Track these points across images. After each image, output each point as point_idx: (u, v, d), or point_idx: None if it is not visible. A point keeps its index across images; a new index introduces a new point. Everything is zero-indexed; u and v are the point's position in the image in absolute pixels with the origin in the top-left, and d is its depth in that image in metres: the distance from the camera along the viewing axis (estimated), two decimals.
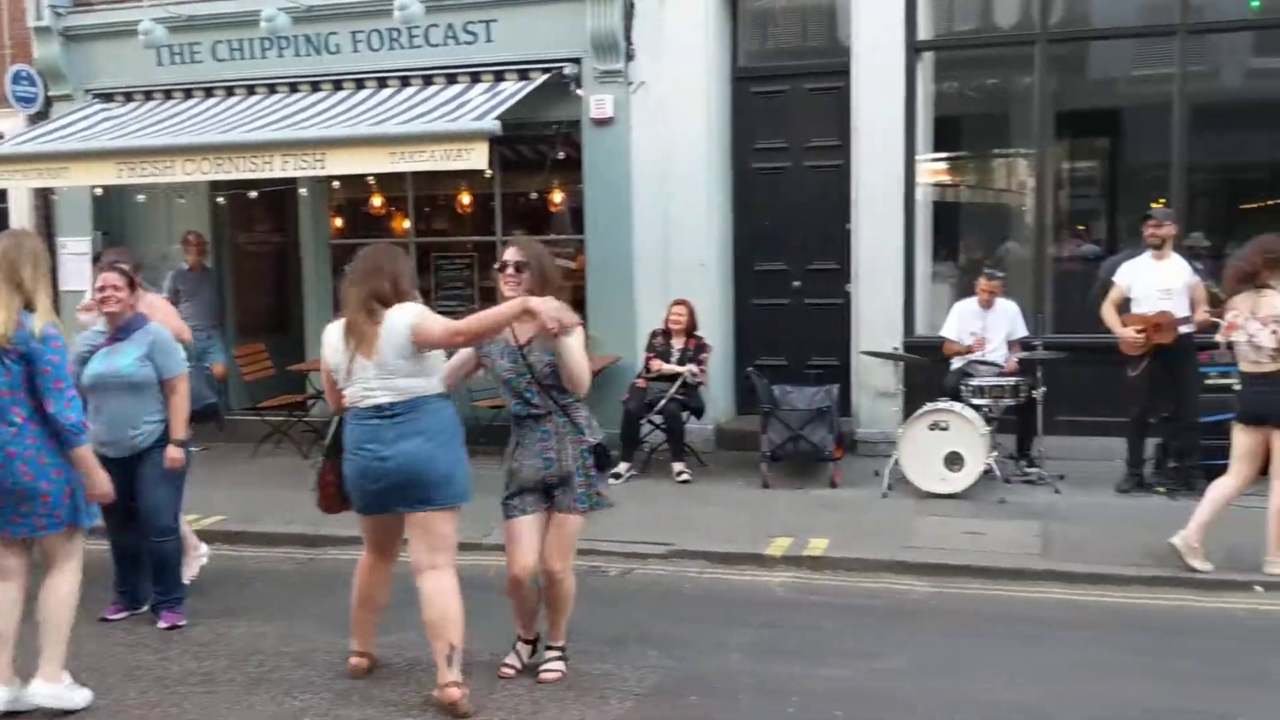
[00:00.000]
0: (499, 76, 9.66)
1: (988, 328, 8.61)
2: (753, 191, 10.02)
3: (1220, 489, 6.21)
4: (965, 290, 9.09)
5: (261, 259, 12.18)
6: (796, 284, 9.90)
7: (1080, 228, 10.28)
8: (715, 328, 9.57)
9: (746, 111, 9.96)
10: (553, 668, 4.95)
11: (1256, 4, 9.06)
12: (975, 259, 9.88)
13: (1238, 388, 6.31)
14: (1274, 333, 5.93)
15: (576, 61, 9.70)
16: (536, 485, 4.77)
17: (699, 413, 9.07)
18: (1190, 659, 5.14)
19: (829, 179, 9.64)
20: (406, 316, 4.53)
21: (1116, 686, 4.83)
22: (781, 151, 9.91)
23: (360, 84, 10.16)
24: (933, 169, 9.90)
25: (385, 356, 4.53)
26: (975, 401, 8.09)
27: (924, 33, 9.34)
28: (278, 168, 9.02)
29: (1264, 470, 6.12)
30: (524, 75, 9.59)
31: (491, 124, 8.51)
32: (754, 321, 10.10)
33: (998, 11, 9.83)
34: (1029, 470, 8.34)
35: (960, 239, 10.35)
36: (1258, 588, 6.01)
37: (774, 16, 10.12)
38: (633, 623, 5.72)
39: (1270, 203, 9.42)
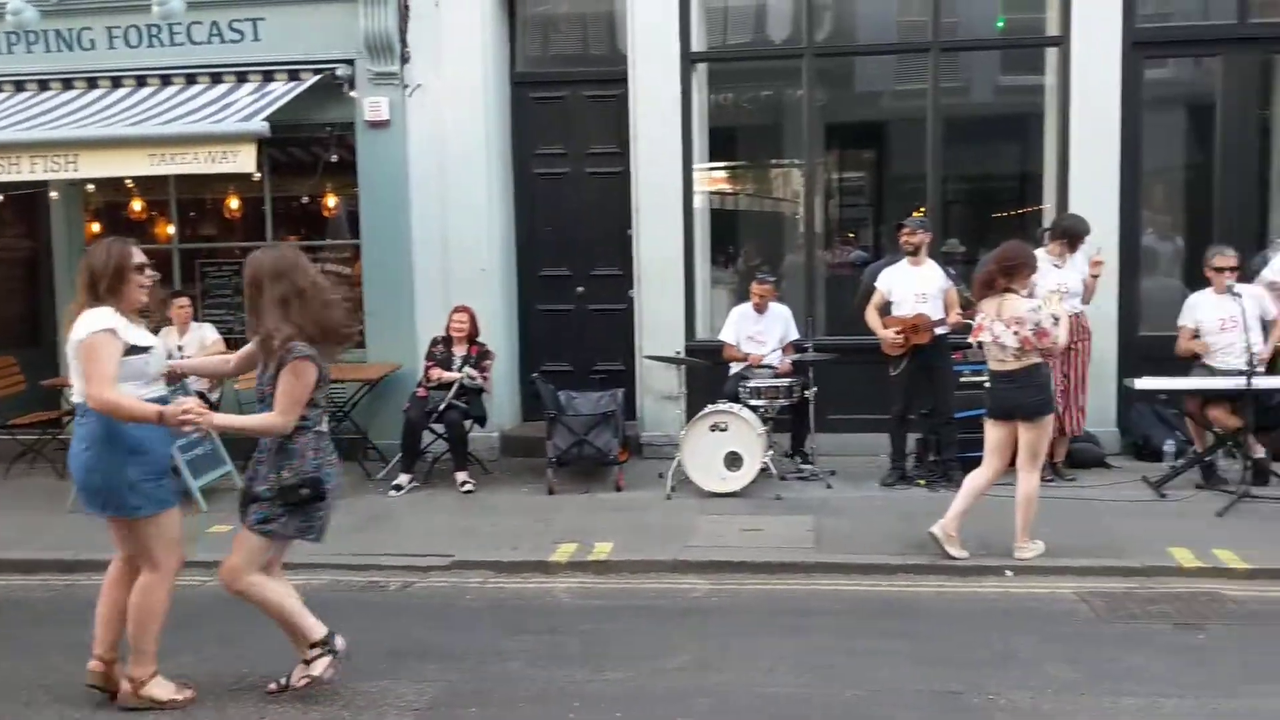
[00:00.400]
0: (268, 77, 9.31)
1: (763, 331, 8.88)
2: (534, 197, 10.02)
3: (974, 480, 6.59)
4: (744, 295, 9.30)
5: (10, 266, 11.31)
6: (580, 289, 9.96)
7: (849, 235, 10.78)
8: (499, 334, 9.51)
9: (526, 117, 9.95)
10: (296, 673, 4.80)
11: (1001, 24, 9.72)
12: (753, 264, 10.18)
13: (988, 385, 6.70)
14: (1016, 333, 6.34)
15: (350, 63, 9.45)
16: (246, 494, 4.70)
17: (482, 420, 9.00)
18: (947, 642, 5.42)
19: (610, 185, 9.75)
20: (82, 334, 4.45)
21: (879, 671, 5.05)
22: (562, 157, 9.96)
23: (117, 82, 9.58)
24: (711, 177, 10.15)
25: (69, 353, 4.53)
26: (752, 403, 8.33)
27: (698, 44, 9.55)
28: (25, 170, 8.44)
29: (1014, 462, 6.53)
30: (294, 76, 9.27)
31: (259, 125, 8.21)
32: (538, 327, 10.09)
33: (769, 25, 10.14)
34: (803, 467, 8.65)
35: (738, 245, 10.64)
36: (1008, 572, 6.41)
37: (554, 23, 10.17)
38: (412, 637, 5.62)
39: (1018, 211, 10.08)
